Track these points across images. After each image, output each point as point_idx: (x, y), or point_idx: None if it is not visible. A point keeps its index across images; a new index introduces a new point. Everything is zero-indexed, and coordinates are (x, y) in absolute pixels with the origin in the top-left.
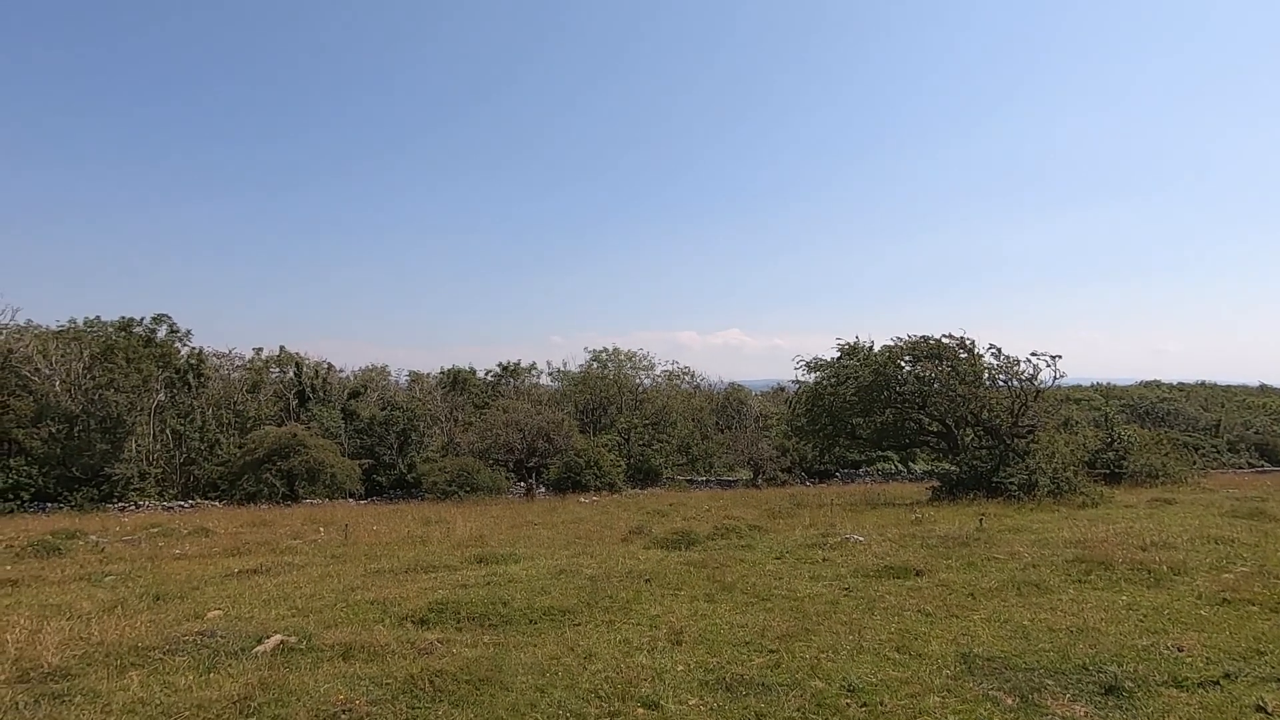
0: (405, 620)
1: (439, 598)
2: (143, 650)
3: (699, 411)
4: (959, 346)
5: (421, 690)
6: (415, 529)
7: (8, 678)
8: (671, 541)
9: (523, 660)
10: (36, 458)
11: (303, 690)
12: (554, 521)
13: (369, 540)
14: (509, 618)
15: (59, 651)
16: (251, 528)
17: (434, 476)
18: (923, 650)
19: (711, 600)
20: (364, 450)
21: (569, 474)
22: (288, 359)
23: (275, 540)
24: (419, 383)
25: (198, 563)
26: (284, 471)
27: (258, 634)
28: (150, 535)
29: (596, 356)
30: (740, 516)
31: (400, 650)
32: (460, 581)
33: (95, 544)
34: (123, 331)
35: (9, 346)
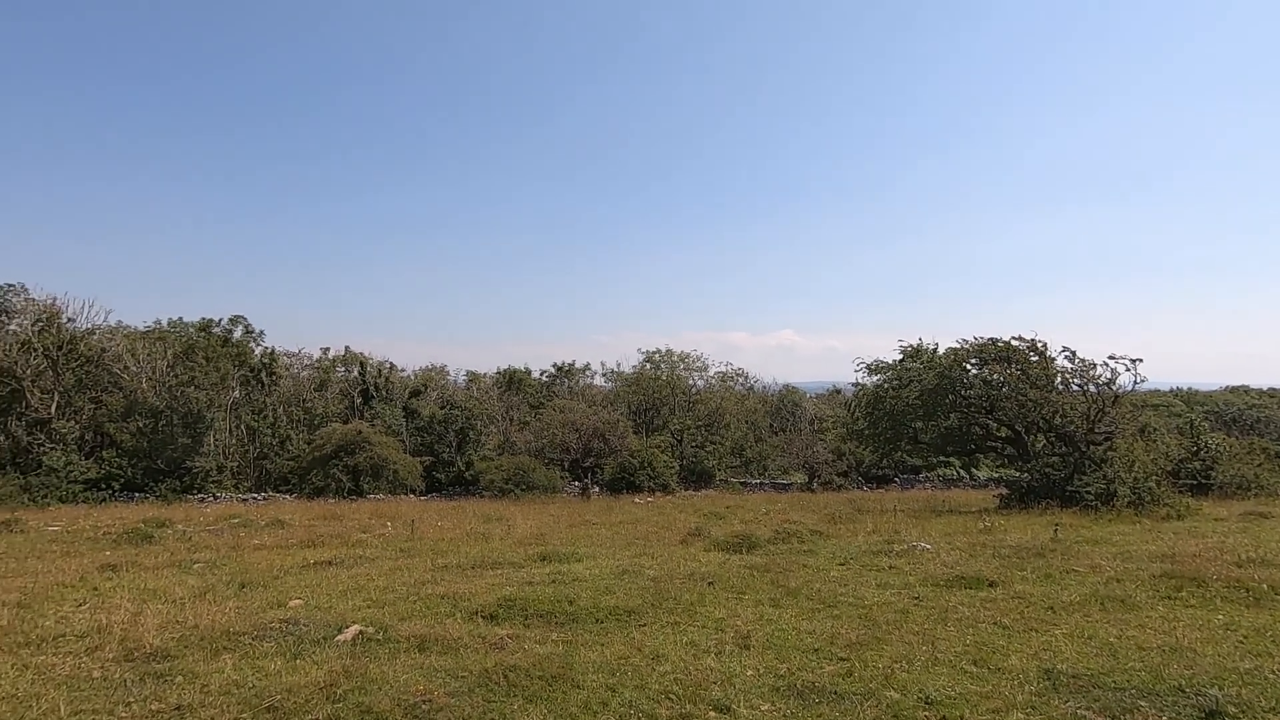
0: (475, 615)
1: (507, 594)
2: (234, 635)
3: (752, 413)
4: (1029, 349)
5: (496, 684)
6: (477, 526)
7: (115, 657)
8: (732, 544)
9: (591, 659)
10: (126, 450)
11: (383, 680)
12: (611, 521)
13: (434, 536)
14: (575, 616)
15: (159, 634)
16: (323, 521)
17: (491, 474)
18: (1002, 664)
19: (776, 605)
20: (424, 448)
21: (623, 474)
22: (353, 358)
23: (346, 533)
24: (476, 382)
25: (276, 553)
26: (350, 467)
27: (337, 624)
28: (231, 526)
29: (649, 357)
30: (800, 521)
31: (472, 644)
32: (526, 579)
33: (182, 533)
34: (203, 332)
35: (102, 346)
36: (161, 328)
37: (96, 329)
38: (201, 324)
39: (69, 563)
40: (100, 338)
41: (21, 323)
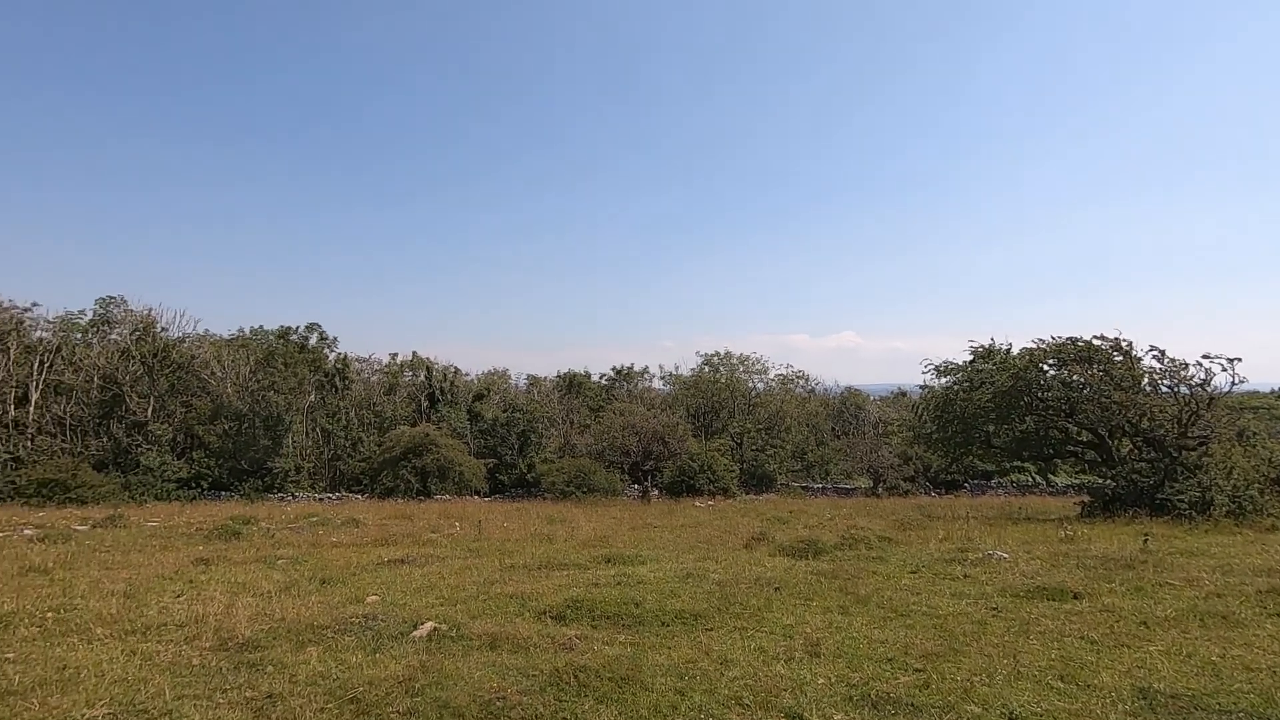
0: (544, 615)
1: (574, 595)
2: (317, 628)
3: (814, 416)
4: (1113, 348)
5: (567, 684)
6: (541, 527)
7: (211, 646)
8: (797, 550)
9: (659, 662)
10: (213, 451)
11: (458, 675)
12: (673, 525)
13: (500, 536)
14: (642, 619)
15: (250, 625)
16: (394, 520)
17: (552, 477)
18: (1091, 681)
19: (846, 612)
20: (488, 450)
21: (683, 478)
22: (419, 363)
23: (416, 533)
24: (537, 386)
25: (352, 551)
26: (418, 469)
27: (412, 620)
28: (310, 524)
29: (708, 360)
30: (867, 527)
31: (542, 644)
32: (591, 580)
33: (266, 530)
34: (281, 339)
35: (192, 354)
36: (244, 335)
37: (186, 337)
38: (280, 331)
39: (166, 556)
40: (190, 345)
41: (121, 332)
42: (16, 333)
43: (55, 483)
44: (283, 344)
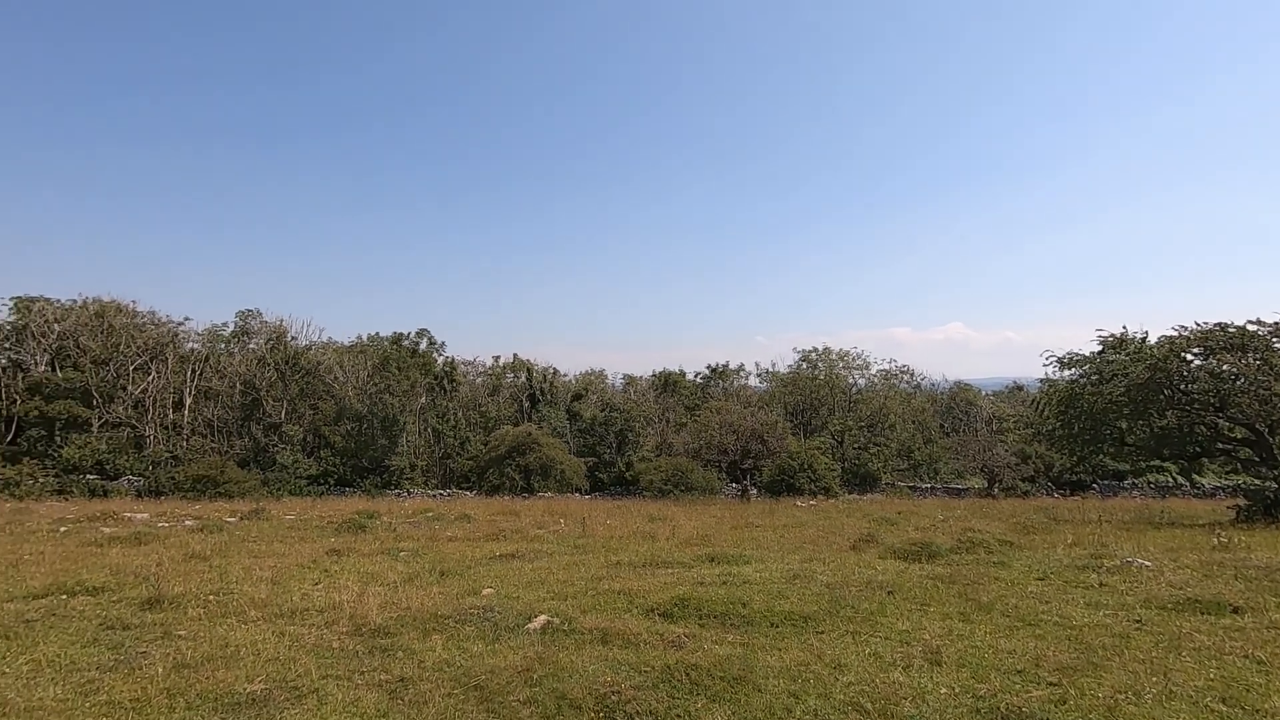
0: (651, 612)
1: (680, 594)
2: (440, 618)
3: (920, 413)
4: (1272, 334)
5: (679, 682)
6: (642, 525)
7: (347, 631)
8: (910, 552)
9: (770, 663)
10: (338, 450)
11: (573, 668)
12: (774, 524)
13: (604, 534)
14: (750, 619)
15: (380, 613)
16: (502, 516)
17: (650, 475)
18: (1261, 705)
19: (967, 620)
20: (586, 449)
21: (782, 477)
22: (520, 365)
23: (524, 529)
24: (633, 385)
25: (466, 545)
26: (522, 467)
27: (526, 613)
28: (427, 519)
29: (805, 357)
30: (984, 529)
31: (651, 640)
32: (696, 579)
33: (388, 524)
34: (394, 345)
35: (318, 360)
36: (362, 342)
37: (312, 345)
38: (394, 338)
39: (304, 547)
40: (315, 352)
41: (258, 342)
42: (173, 344)
43: (207, 479)
44: (396, 349)
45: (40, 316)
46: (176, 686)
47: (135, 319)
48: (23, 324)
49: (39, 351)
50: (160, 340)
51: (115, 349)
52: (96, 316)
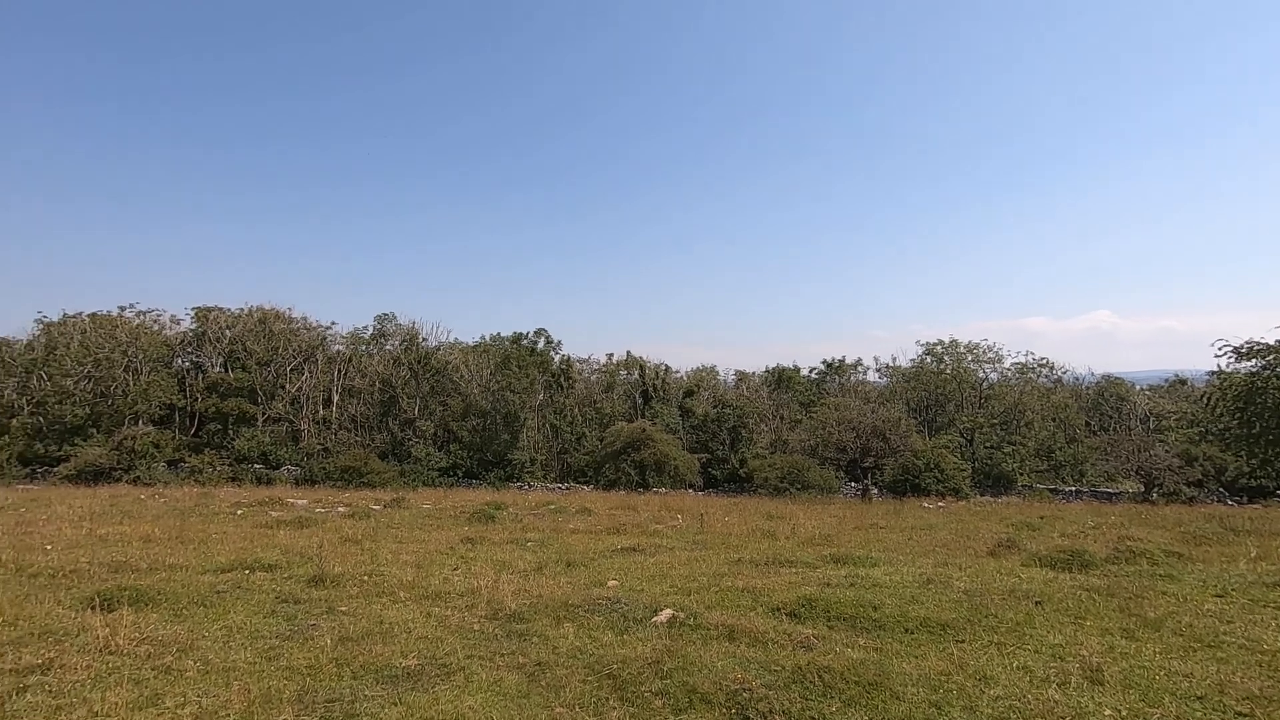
0: (777, 611)
1: (806, 594)
2: (570, 607)
3: (1062, 409)
4: None
5: (811, 683)
6: (761, 523)
7: (485, 615)
8: (1058, 560)
9: (907, 670)
10: (465, 444)
11: (701, 663)
12: (900, 526)
13: (721, 530)
14: (881, 623)
15: (514, 599)
16: (620, 510)
17: (765, 472)
18: None
19: (1131, 637)
20: (699, 445)
21: (906, 476)
22: (633, 362)
23: (642, 524)
24: (745, 381)
25: (588, 537)
26: (637, 462)
27: (652, 606)
28: (549, 511)
29: (930, 350)
30: (1145, 538)
31: (779, 640)
32: (822, 580)
33: (514, 515)
34: (514, 344)
35: (446, 359)
36: (485, 342)
37: (441, 345)
38: (514, 337)
39: (440, 534)
40: (444, 352)
41: (393, 343)
42: (321, 347)
43: (353, 469)
44: (516, 348)
45: (215, 324)
46: (343, 657)
47: (291, 324)
48: (201, 331)
49: (214, 355)
50: (311, 343)
51: (275, 352)
52: (260, 323)
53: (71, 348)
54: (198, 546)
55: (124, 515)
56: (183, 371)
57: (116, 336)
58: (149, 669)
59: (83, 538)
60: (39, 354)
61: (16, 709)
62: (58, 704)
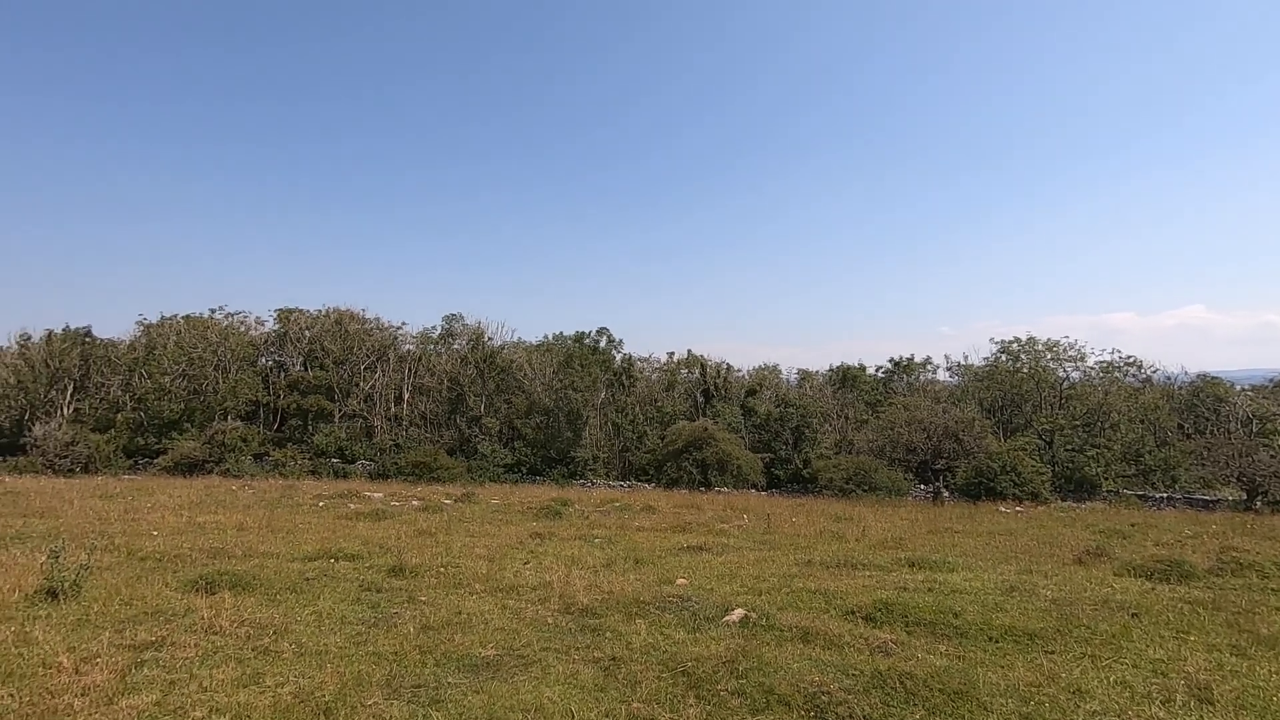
0: (851, 614)
1: (882, 598)
2: (641, 604)
3: (1151, 411)
4: None
5: (892, 689)
6: (828, 525)
7: (558, 609)
8: (1155, 571)
9: (994, 680)
10: (529, 441)
11: (777, 664)
12: (977, 530)
13: (788, 531)
14: (963, 630)
15: (585, 594)
16: (684, 509)
17: (830, 473)
18: None
19: (1242, 654)
20: (761, 445)
21: (980, 479)
22: (694, 361)
23: (707, 523)
24: (808, 380)
25: (654, 535)
26: (699, 461)
27: (723, 605)
28: (615, 509)
29: (1005, 348)
30: (1252, 550)
31: (855, 643)
32: (897, 584)
33: (580, 512)
34: (577, 343)
35: (510, 358)
36: (547, 341)
37: (505, 344)
38: (576, 336)
39: (509, 529)
40: (508, 351)
41: (460, 343)
42: (393, 346)
43: (423, 465)
44: (578, 347)
45: (296, 324)
46: (426, 645)
47: (364, 325)
48: (283, 331)
49: (295, 354)
50: (384, 343)
51: (350, 351)
52: (336, 323)
53: (168, 348)
54: (286, 535)
55: (218, 505)
56: (266, 370)
57: (208, 337)
58: (249, 650)
59: (184, 525)
60: (140, 354)
61: (136, 681)
62: (171, 679)
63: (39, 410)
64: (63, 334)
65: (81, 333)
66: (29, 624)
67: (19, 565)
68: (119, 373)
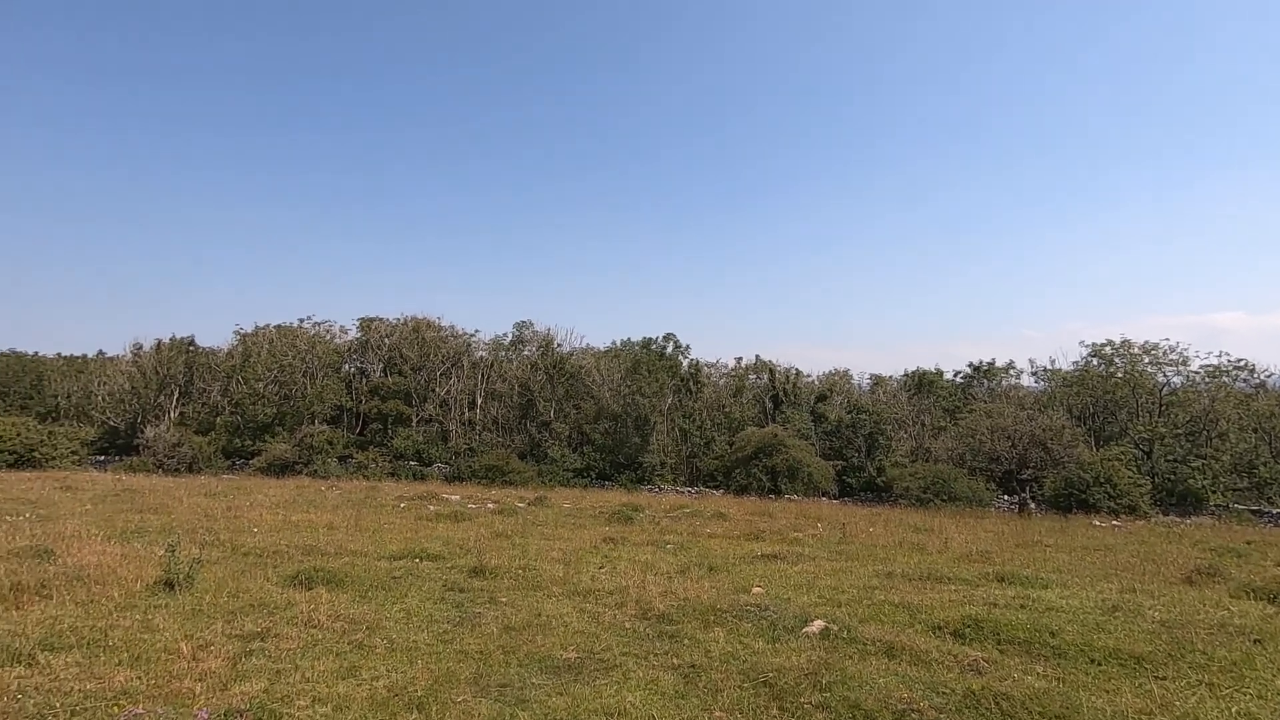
0: (939, 630)
1: (970, 614)
2: (718, 611)
3: (1266, 419)
4: None
5: (987, 709)
6: (907, 535)
7: (635, 614)
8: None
9: (1099, 706)
10: (597, 446)
11: (861, 679)
12: (1070, 545)
13: (865, 541)
14: (1061, 651)
15: (661, 600)
16: (756, 516)
17: (906, 482)
18: None
19: None
20: (833, 452)
21: (1070, 490)
22: (762, 366)
23: (780, 530)
24: (881, 386)
25: (726, 542)
26: (768, 468)
27: (801, 616)
28: (685, 515)
29: (1097, 351)
30: None
31: (944, 660)
32: (986, 599)
33: (650, 517)
34: (644, 349)
35: (579, 364)
36: (615, 347)
37: (574, 351)
38: (643, 342)
39: (582, 533)
40: (577, 357)
41: (531, 349)
42: (467, 353)
43: (495, 468)
44: (646, 353)
45: (376, 332)
46: (508, 645)
47: (440, 332)
48: (365, 339)
49: (375, 361)
50: (458, 350)
51: (426, 357)
52: (413, 331)
53: (261, 355)
54: (372, 535)
55: (309, 504)
56: (350, 376)
57: (296, 345)
58: (345, 643)
59: (279, 523)
60: (237, 361)
61: (245, 670)
62: (277, 668)
63: (149, 414)
64: (170, 343)
65: (186, 342)
66: (150, 612)
67: (140, 557)
68: (218, 379)
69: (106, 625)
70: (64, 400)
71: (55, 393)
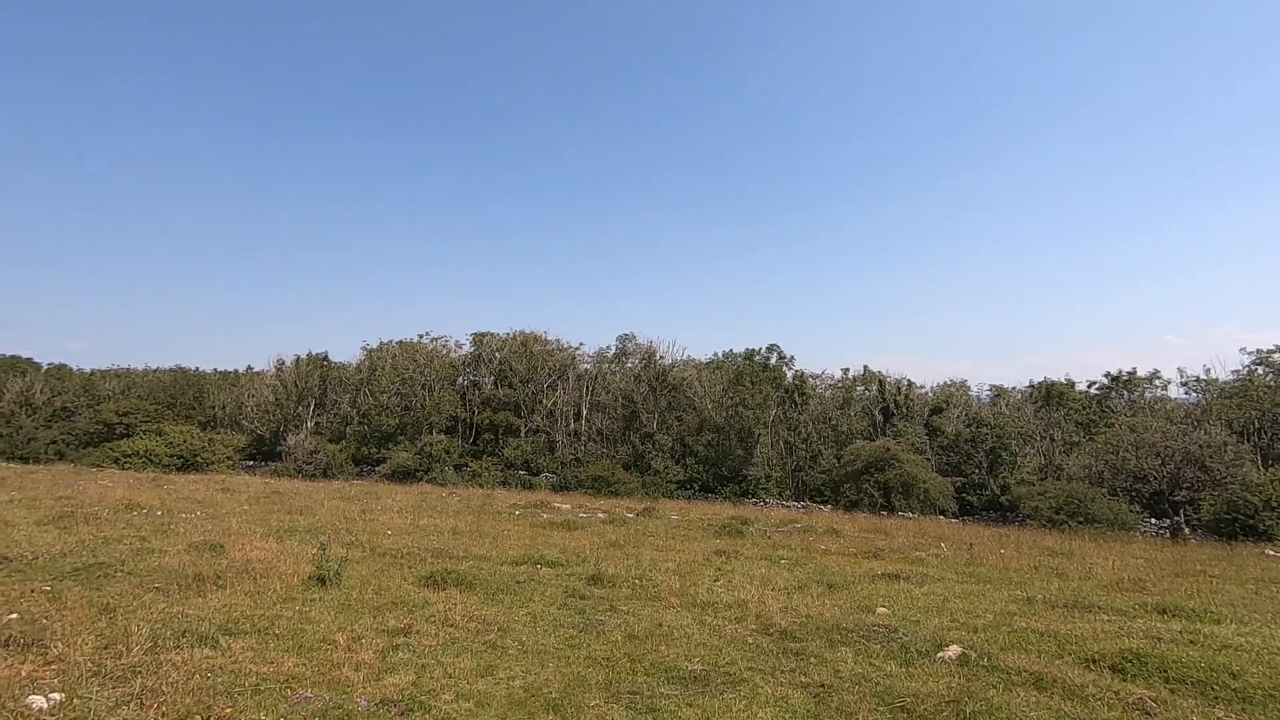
0: (1094, 663)
1: (1130, 647)
2: (843, 630)
3: None
4: None
5: None
6: (1042, 559)
7: (756, 629)
8: None
9: None
10: (700, 458)
11: (1009, 710)
12: (1240, 577)
13: (996, 563)
14: (1245, 695)
15: (782, 616)
16: (871, 534)
17: (1034, 501)
18: None
19: None
20: (950, 468)
21: (1235, 514)
22: (871, 377)
23: (900, 549)
24: (1003, 398)
25: (843, 559)
26: (880, 483)
27: (934, 640)
28: (797, 530)
29: (1264, 359)
30: None
31: (1103, 697)
32: (1146, 632)
33: (761, 531)
34: (747, 360)
35: (681, 376)
36: (717, 358)
37: (676, 363)
38: (746, 354)
39: (693, 545)
40: (680, 369)
41: (634, 362)
42: (572, 366)
43: (601, 479)
44: (749, 365)
45: (488, 347)
46: (633, 653)
47: (546, 346)
48: (478, 354)
49: (487, 374)
50: (564, 363)
51: (534, 370)
52: (522, 345)
53: (386, 369)
54: (493, 540)
55: (432, 510)
56: (464, 388)
57: (416, 359)
58: (479, 643)
59: (408, 526)
60: (364, 375)
61: (394, 663)
62: (421, 663)
63: (290, 423)
64: (308, 359)
65: (320, 357)
66: (307, 604)
67: (294, 555)
68: (348, 391)
69: (273, 614)
70: (220, 410)
71: (213, 404)
